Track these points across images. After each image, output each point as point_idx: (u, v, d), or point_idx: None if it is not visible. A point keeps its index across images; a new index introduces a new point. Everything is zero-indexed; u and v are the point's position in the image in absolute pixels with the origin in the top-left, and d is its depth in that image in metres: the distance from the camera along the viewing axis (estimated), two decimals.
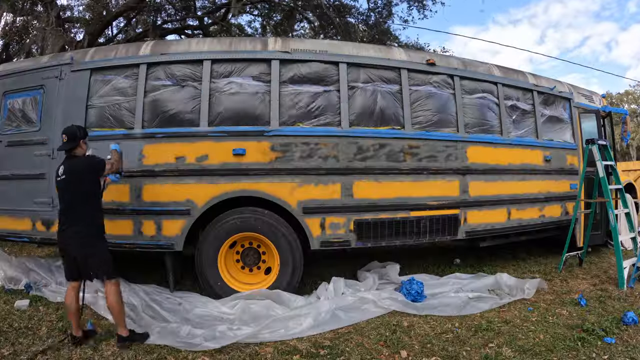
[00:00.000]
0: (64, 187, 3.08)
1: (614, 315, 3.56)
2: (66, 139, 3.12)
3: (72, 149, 3.14)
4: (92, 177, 3.16)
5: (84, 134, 3.25)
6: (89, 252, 3.01)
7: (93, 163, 3.20)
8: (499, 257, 5.81)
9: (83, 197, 3.07)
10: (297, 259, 4.07)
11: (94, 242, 3.07)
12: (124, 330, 3.03)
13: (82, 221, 3.04)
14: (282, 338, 3.16)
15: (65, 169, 3.10)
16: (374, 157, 4.27)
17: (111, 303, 3.02)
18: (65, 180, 3.07)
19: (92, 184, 3.17)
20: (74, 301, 3.06)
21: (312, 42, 4.58)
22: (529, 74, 5.57)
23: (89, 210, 3.09)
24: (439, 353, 2.95)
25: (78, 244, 3.01)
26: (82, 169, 3.12)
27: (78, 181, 3.07)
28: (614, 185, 5.16)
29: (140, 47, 4.30)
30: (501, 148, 4.97)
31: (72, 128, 3.21)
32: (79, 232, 3.01)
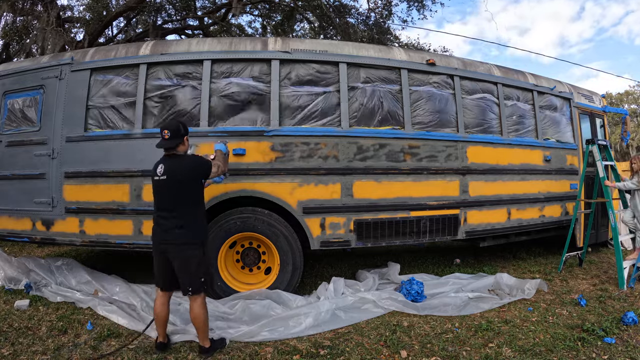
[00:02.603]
0: (164, 188, 2.83)
1: (614, 315, 3.56)
2: (169, 135, 2.84)
3: (175, 147, 2.88)
4: (197, 179, 2.91)
5: (187, 129, 2.98)
6: (189, 259, 2.81)
7: (201, 164, 2.92)
8: (499, 257, 5.82)
9: (186, 200, 2.83)
10: (297, 259, 4.07)
11: (197, 248, 2.84)
12: (207, 342, 2.90)
13: (184, 225, 2.80)
14: (282, 337, 3.16)
15: (166, 168, 2.83)
16: (374, 157, 4.27)
17: (197, 314, 2.84)
18: (166, 181, 2.81)
19: (197, 187, 2.92)
20: (164, 310, 2.92)
21: (312, 42, 4.58)
22: (529, 74, 5.58)
23: (192, 214, 2.86)
24: (439, 353, 2.95)
25: (178, 250, 2.80)
26: (187, 170, 2.85)
27: (181, 183, 2.81)
28: (613, 185, 5.16)
29: (140, 47, 4.30)
30: (501, 148, 4.97)
31: (174, 122, 2.95)
32: (181, 238, 2.79)
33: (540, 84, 5.52)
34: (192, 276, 2.83)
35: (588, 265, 5.40)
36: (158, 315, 2.92)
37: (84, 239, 4.12)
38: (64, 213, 4.11)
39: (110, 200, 4.04)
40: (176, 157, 2.90)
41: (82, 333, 3.21)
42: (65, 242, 4.27)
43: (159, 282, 2.96)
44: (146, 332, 3.17)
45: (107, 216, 4.05)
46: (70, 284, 4.16)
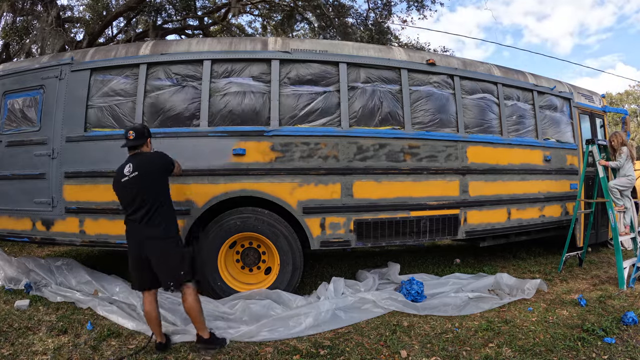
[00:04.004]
0: (135, 186, 2.88)
1: (614, 315, 3.56)
2: (134, 135, 2.98)
3: (138, 147, 3.01)
4: (166, 172, 3.06)
5: (150, 133, 3.14)
6: (167, 254, 2.87)
7: (166, 158, 3.08)
8: (499, 257, 5.82)
9: (157, 194, 2.93)
10: (297, 259, 4.07)
11: (172, 242, 2.92)
12: (205, 332, 2.95)
13: (157, 222, 2.87)
14: (282, 337, 3.16)
15: (135, 165, 2.92)
16: (374, 157, 4.27)
17: (190, 305, 2.89)
18: (137, 177, 2.88)
19: (166, 181, 3.06)
20: (154, 309, 2.94)
21: (312, 42, 4.58)
22: (529, 74, 5.58)
23: (164, 208, 2.95)
24: (439, 353, 2.95)
25: (156, 246, 2.86)
26: (158, 163, 3.00)
27: (153, 176, 2.94)
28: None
29: (140, 47, 4.30)
30: (501, 148, 4.97)
31: (139, 125, 3.15)
32: (156, 234, 2.86)
33: (540, 83, 5.52)
34: (172, 270, 2.88)
35: (588, 265, 5.40)
36: (149, 316, 2.94)
37: (84, 239, 4.12)
38: (64, 213, 4.11)
39: (110, 200, 4.01)
40: (142, 154, 3.02)
41: (82, 333, 3.21)
42: (65, 242, 4.27)
43: (140, 284, 2.97)
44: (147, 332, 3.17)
45: (107, 216, 4.05)
46: (70, 284, 4.16)
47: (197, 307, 2.93)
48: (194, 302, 2.92)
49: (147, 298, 2.95)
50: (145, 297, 2.97)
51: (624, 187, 4.93)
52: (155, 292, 3.00)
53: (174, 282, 2.88)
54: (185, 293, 2.91)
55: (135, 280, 3.01)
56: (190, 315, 2.95)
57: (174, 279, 2.88)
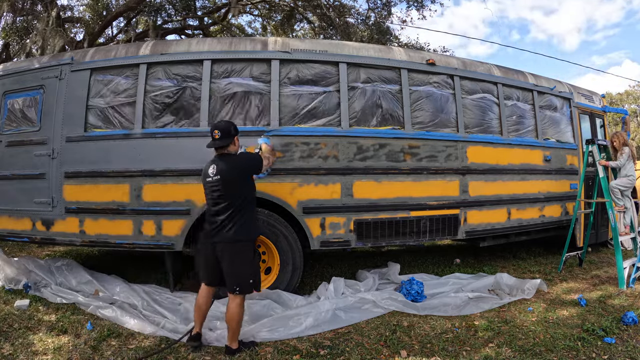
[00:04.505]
0: (217, 188, 2.85)
1: (614, 315, 3.56)
2: (219, 135, 2.87)
3: (225, 147, 2.92)
4: (249, 176, 2.96)
5: (237, 130, 3.01)
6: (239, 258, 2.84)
7: (252, 160, 2.96)
8: (499, 257, 5.82)
9: (241, 198, 2.86)
10: (297, 259, 4.07)
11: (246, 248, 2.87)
12: (235, 344, 2.89)
13: (235, 225, 2.82)
14: (282, 337, 3.16)
15: (218, 168, 2.85)
16: (374, 157, 4.27)
17: (233, 313, 2.83)
18: (219, 180, 2.83)
19: (249, 184, 2.96)
20: (206, 303, 2.97)
21: (312, 42, 4.58)
22: (528, 74, 5.58)
23: (245, 213, 2.88)
24: (439, 353, 2.95)
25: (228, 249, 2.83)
26: (240, 169, 2.88)
27: (234, 182, 2.85)
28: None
29: (140, 47, 4.30)
30: (501, 148, 4.97)
31: (224, 123, 3.01)
32: (231, 237, 2.81)
33: (540, 83, 5.52)
34: (241, 276, 2.86)
35: (588, 265, 5.40)
36: (200, 307, 2.97)
37: (84, 239, 4.12)
38: (64, 213, 4.11)
39: (110, 200, 4.03)
40: (228, 156, 2.93)
41: (82, 333, 3.21)
42: (65, 242, 4.27)
43: (204, 278, 3.00)
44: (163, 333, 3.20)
45: (107, 216, 4.05)
46: (70, 284, 4.15)
47: (240, 317, 2.88)
48: (240, 311, 2.87)
49: (204, 292, 2.99)
50: (202, 290, 3.00)
51: (625, 187, 4.93)
52: (214, 290, 3.02)
53: (240, 288, 2.85)
54: (234, 300, 2.85)
55: (200, 272, 3.04)
56: (230, 324, 2.86)
57: (240, 285, 2.85)
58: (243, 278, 2.86)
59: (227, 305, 2.89)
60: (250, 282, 2.88)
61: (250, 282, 2.88)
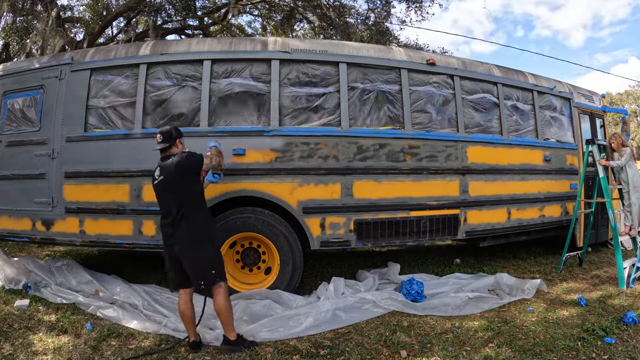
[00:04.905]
0: (163, 189, 2.92)
1: (614, 315, 3.56)
2: (161, 138, 2.96)
3: (167, 149, 2.99)
4: (189, 174, 2.96)
5: (180, 133, 3.07)
6: (197, 256, 2.88)
7: (191, 158, 2.96)
8: (499, 257, 5.81)
9: (186, 196, 2.90)
10: (297, 259, 4.07)
11: (202, 244, 2.90)
12: (232, 334, 2.94)
13: (186, 224, 2.86)
14: (282, 337, 3.16)
15: (161, 170, 2.94)
16: (374, 157, 4.27)
17: (220, 305, 2.90)
18: (163, 181, 2.90)
19: (191, 183, 2.97)
20: (188, 308, 2.96)
21: (312, 42, 4.58)
22: (528, 74, 5.58)
23: (192, 211, 2.91)
24: (439, 353, 2.95)
25: (185, 248, 2.87)
26: (179, 167, 2.89)
27: (175, 181, 2.89)
28: (614, 185, 5.17)
29: (140, 47, 4.30)
30: (501, 148, 4.97)
31: (167, 127, 3.08)
32: (184, 237, 2.86)
33: (540, 83, 5.52)
34: (202, 272, 2.90)
35: (588, 265, 5.40)
36: (184, 314, 2.97)
37: (84, 239, 4.12)
38: (64, 213, 4.11)
39: (110, 200, 4.04)
40: (169, 158, 2.99)
41: (82, 333, 3.21)
42: (65, 242, 4.28)
43: (176, 283, 3.02)
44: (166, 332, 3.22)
45: (107, 216, 4.05)
46: (70, 284, 4.15)
47: (227, 307, 2.92)
48: (224, 302, 2.91)
49: (182, 297, 2.99)
50: (180, 296, 3.01)
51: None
52: (191, 291, 3.02)
53: (204, 282, 2.90)
54: (216, 293, 2.91)
55: (171, 280, 3.06)
56: (220, 316, 2.94)
57: (204, 279, 2.90)
58: (205, 273, 2.90)
59: (213, 299, 2.95)
60: (212, 273, 2.91)
61: (213, 272, 2.91)
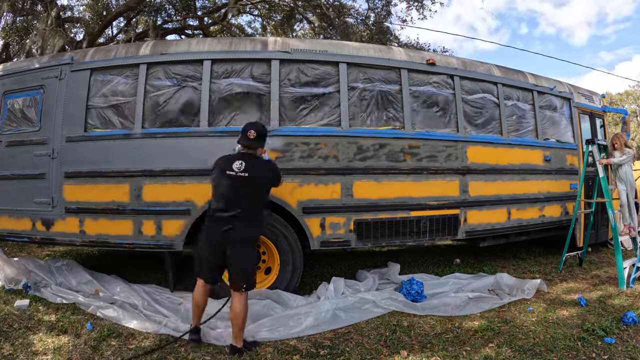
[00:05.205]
0: (240, 185, 2.90)
1: (614, 315, 3.56)
2: (254, 135, 2.96)
3: (256, 147, 3.02)
4: (272, 184, 3.08)
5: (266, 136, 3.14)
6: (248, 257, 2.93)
7: (278, 172, 3.09)
8: (499, 257, 5.81)
9: (258, 201, 2.97)
10: (297, 259, 4.07)
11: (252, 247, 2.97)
12: (240, 342, 2.92)
13: (249, 224, 2.90)
14: (282, 337, 3.16)
15: (247, 166, 2.92)
16: (374, 157, 4.27)
17: (238, 312, 2.87)
18: (246, 178, 2.90)
19: (269, 191, 3.08)
20: (204, 300, 3.01)
21: (312, 42, 4.58)
22: (529, 74, 5.58)
23: (259, 215, 2.98)
24: (439, 353, 2.95)
25: (240, 247, 2.89)
26: (272, 176, 2.99)
27: (261, 184, 2.95)
28: (614, 185, 5.17)
29: (140, 47, 4.30)
30: (501, 148, 4.97)
31: (260, 125, 3.09)
32: (245, 235, 2.89)
33: (540, 83, 5.53)
34: (248, 273, 2.94)
35: (588, 265, 5.40)
36: (198, 303, 3.01)
37: (84, 239, 4.12)
38: (64, 213, 4.11)
39: (110, 200, 4.04)
40: (256, 158, 3.00)
41: (82, 333, 3.21)
42: (65, 242, 4.27)
43: (206, 275, 3.01)
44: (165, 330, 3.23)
45: (107, 216, 4.05)
46: (70, 284, 4.15)
47: (244, 314, 2.90)
48: (243, 309, 2.90)
49: (202, 289, 3.01)
50: (199, 287, 3.02)
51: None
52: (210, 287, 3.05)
53: (246, 285, 2.92)
54: (240, 297, 2.90)
55: (201, 269, 3.05)
56: (235, 320, 2.89)
57: (247, 282, 2.92)
58: (250, 276, 2.96)
59: (232, 304, 2.91)
60: (254, 279, 2.99)
61: (253, 278, 3.00)
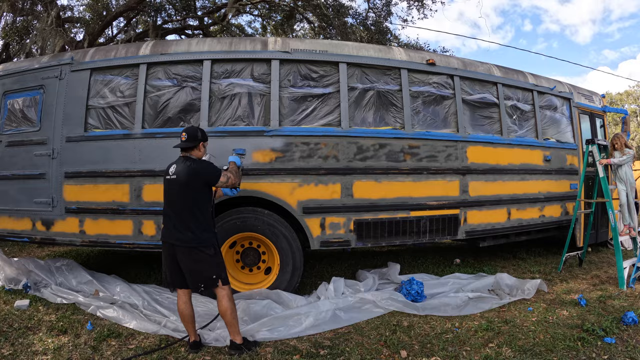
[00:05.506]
0: (173, 188, 2.91)
1: (614, 315, 3.56)
2: (185, 137, 2.97)
3: (188, 149, 2.99)
4: (203, 184, 2.95)
5: (205, 137, 3.08)
6: (197, 260, 2.86)
7: (207, 171, 2.95)
8: (499, 257, 5.82)
9: (192, 202, 2.88)
10: (297, 259, 4.07)
11: (203, 250, 2.87)
12: (238, 337, 2.91)
13: (189, 228, 2.85)
14: (282, 337, 3.16)
15: (177, 169, 2.93)
16: (374, 157, 4.27)
17: (225, 308, 2.86)
18: (175, 181, 2.90)
19: (203, 191, 2.96)
20: (187, 307, 2.95)
21: (312, 42, 4.58)
22: (528, 74, 5.58)
23: (197, 216, 2.89)
24: (439, 353, 2.95)
25: (186, 252, 2.85)
26: (193, 174, 2.89)
27: (186, 186, 2.87)
28: (614, 185, 5.17)
29: (140, 47, 4.30)
30: (501, 148, 4.97)
31: (193, 127, 3.07)
32: (186, 240, 2.84)
33: (540, 83, 5.53)
34: (201, 276, 2.89)
35: (588, 265, 5.40)
36: (183, 314, 2.96)
37: (84, 239, 4.12)
38: (64, 213, 4.11)
39: (110, 200, 4.04)
40: (188, 160, 2.97)
41: (82, 333, 3.21)
42: (65, 242, 4.27)
43: (173, 282, 2.99)
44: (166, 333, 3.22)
45: (107, 216, 4.05)
46: (70, 284, 4.15)
47: (231, 310, 2.89)
48: (227, 304, 2.88)
49: (182, 298, 2.97)
50: (179, 296, 2.98)
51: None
52: (189, 292, 3.00)
53: (204, 285, 2.88)
54: (219, 296, 2.89)
55: (168, 280, 3.03)
56: (224, 318, 2.91)
57: (204, 282, 2.88)
58: (205, 276, 2.88)
59: (217, 301, 2.93)
60: (213, 277, 2.88)
61: (214, 277, 2.89)
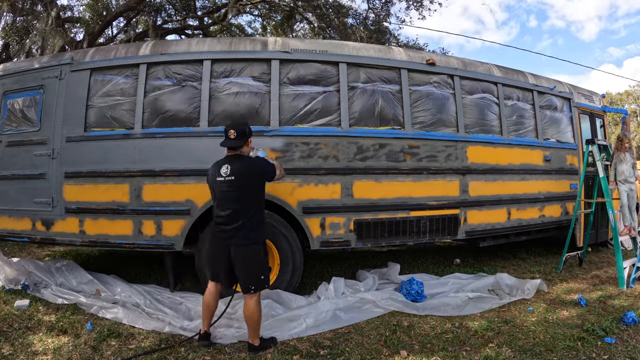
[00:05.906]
0: (230, 189, 2.86)
1: (614, 315, 3.56)
2: (235, 135, 2.89)
3: (239, 147, 2.95)
4: (262, 181, 2.96)
5: (251, 132, 3.03)
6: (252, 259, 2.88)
7: (265, 168, 2.98)
8: (499, 257, 5.81)
9: (252, 201, 2.89)
10: (297, 259, 4.07)
11: (257, 249, 2.90)
12: (257, 340, 2.92)
13: (248, 228, 2.85)
14: (282, 337, 3.16)
15: (233, 169, 2.86)
16: (374, 157, 4.27)
17: (252, 311, 2.86)
18: (233, 182, 2.84)
19: (262, 188, 2.98)
20: (215, 300, 2.99)
21: (312, 42, 4.59)
22: (529, 74, 5.58)
23: (256, 215, 2.90)
24: (439, 353, 2.95)
25: (242, 251, 2.86)
26: (258, 173, 2.90)
27: (250, 185, 2.87)
28: (614, 185, 5.17)
29: (140, 47, 4.30)
30: (501, 148, 4.97)
31: (241, 123, 3.03)
32: (245, 239, 2.84)
33: (540, 83, 5.53)
34: (254, 274, 2.90)
35: (588, 265, 5.40)
36: (208, 306, 2.99)
37: (84, 239, 4.12)
38: (64, 213, 4.11)
39: (110, 200, 4.04)
40: (242, 158, 2.95)
41: (82, 333, 3.21)
42: (65, 242, 4.27)
43: (215, 276, 3.00)
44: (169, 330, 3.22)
45: (107, 216, 4.05)
46: (71, 284, 4.15)
47: (258, 314, 2.89)
48: (257, 307, 2.89)
49: (212, 289, 3.01)
50: (210, 288, 3.02)
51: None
52: (221, 287, 3.03)
53: (254, 286, 2.89)
54: (251, 298, 2.88)
55: (209, 270, 3.05)
56: (249, 321, 2.90)
57: (254, 284, 2.89)
58: (256, 277, 2.91)
59: (244, 304, 2.91)
60: (262, 278, 2.94)
61: (262, 278, 2.94)
